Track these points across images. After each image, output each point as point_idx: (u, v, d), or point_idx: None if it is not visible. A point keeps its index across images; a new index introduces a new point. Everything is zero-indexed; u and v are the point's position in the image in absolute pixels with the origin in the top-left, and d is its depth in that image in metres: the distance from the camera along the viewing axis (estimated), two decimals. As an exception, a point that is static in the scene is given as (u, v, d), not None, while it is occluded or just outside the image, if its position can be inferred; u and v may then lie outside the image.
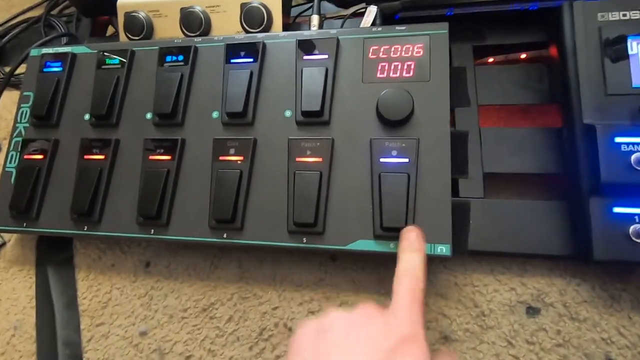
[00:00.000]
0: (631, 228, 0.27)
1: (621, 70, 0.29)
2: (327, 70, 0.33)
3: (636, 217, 0.27)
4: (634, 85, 0.29)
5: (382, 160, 0.31)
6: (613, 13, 0.30)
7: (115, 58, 0.38)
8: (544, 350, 0.28)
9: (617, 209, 0.27)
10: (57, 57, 0.40)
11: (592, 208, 0.28)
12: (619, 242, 0.27)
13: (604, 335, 0.28)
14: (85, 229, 0.35)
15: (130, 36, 0.41)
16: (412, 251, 0.25)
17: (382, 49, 0.33)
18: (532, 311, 0.30)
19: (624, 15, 0.30)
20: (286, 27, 0.39)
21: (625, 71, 0.29)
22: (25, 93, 0.40)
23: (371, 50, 0.34)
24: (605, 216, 0.27)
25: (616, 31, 0.29)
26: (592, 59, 0.30)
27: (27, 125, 0.39)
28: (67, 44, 0.47)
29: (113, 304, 0.36)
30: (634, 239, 0.27)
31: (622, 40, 0.29)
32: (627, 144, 0.27)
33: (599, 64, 0.29)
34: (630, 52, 0.29)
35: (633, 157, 0.27)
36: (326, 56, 0.34)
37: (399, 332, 0.20)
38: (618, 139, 0.27)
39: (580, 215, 0.29)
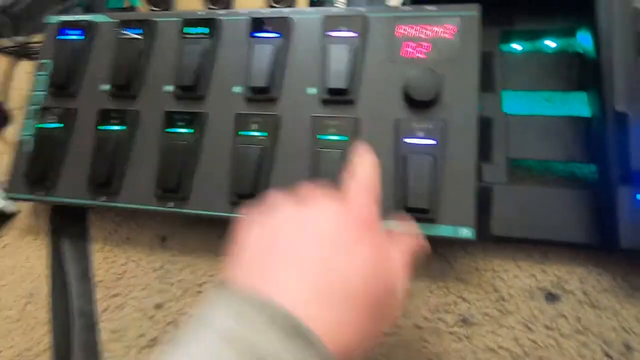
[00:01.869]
0: (659, 217, 0.27)
1: (657, 58, 0.28)
2: (353, 48, 0.33)
3: (665, 207, 0.27)
4: (669, 74, 0.28)
5: (407, 141, 0.30)
6: (651, -2, 0.29)
7: (137, 28, 0.37)
8: (563, 335, 0.28)
9: (645, 198, 0.27)
10: (77, 25, 0.39)
11: (620, 196, 0.27)
12: (646, 231, 0.27)
13: (624, 324, 0.28)
14: (103, 200, 0.35)
15: (151, 7, 0.40)
16: (365, 164, 0.23)
17: (411, 29, 0.33)
18: (551, 297, 0.30)
19: (662, 1, 0.29)
20: (312, 3, 0.38)
21: (661, 59, 0.28)
22: (43, 61, 0.39)
23: (400, 30, 0.33)
24: (634, 205, 0.27)
25: (654, 17, 0.29)
26: (627, 44, 0.29)
27: (44, 93, 0.39)
28: (85, 13, 0.46)
29: (129, 276, 0.36)
30: (661, 228, 0.26)
31: (659, 27, 0.28)
32: (660, 132, 0.27)
33: (634, 51, 0.29)
34: (667, 40, 0.28)
35: (665, 145, 0.26)
36: (353, 34, 0.33)
37: (351, 217, 0.19)
38: (651, 127, 0.27)
39: (608, 204, 0.28)
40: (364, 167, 0.23)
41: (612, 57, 0.29)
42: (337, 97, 0.32)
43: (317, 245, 0.18)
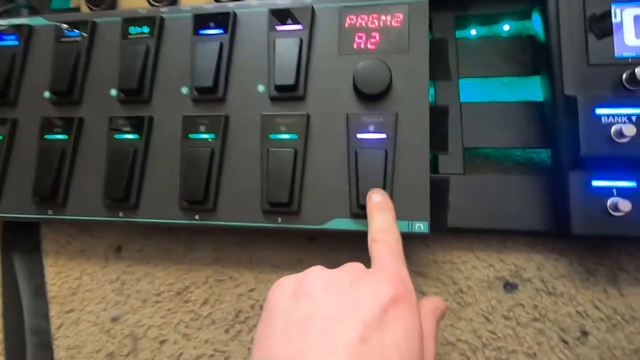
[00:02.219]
0: (609, 201, 0.26)
1: (604, 40, 0.28)
2: (301, 41, 0.31)
3: (614, 190, 0.27)
4: (616, 55, 0.28)
5: (359, 136, 0.30)
6: (597, -21, 0.29)
7: (75, 30, 0.35)
8: (520, 325, 0.28)
9: (596, 183, 0.27)
10: (12, 29, 0.37)
11: (571, 182, 0.27)
12: (597, 216, 0.27)
13: (580, 309, 0.28)
14: (49, 213, 0.33)
15: (91, 6, 0.38)
16: (381, 210, 0.24)
17: (359, 19, 0.32)
18: (509, 287, 0.29)
19: (609, -19, 0.29)
20: (258, -4, 0.36)
21: (609, 40, 0.28)
22: (-22, 69, 0.37)
23: (348, 20, 0.32)
24: (585, 190, 0.27)
25: (600, -1, 0.28)
26: (575, 27, 0.28)
27: (-18, 103, 0.37)
28: (24, 16, 0.44)
29: (83, 290, 0.35)
30: (611, 212, 0.26)
31: (606, 7, 0.28)
32: (608, 115, 0.26)
33: (582, 33, 0.28)
34: (613, 20, 0.28)
35: (613, 128, 0.26)
36: (300, 26, 0.32)
37: (388, 293, 0.19)
38: (599, 111, 0.27)
39: (560, 190, 0.28)
40: (384, 223, 0.23)
41: (560, 40, 0.29)
42: (286, 93, 0.31)
43: (355, 324, 0.17)
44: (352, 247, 0.32)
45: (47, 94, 0.35)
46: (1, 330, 0.35)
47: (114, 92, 0.34)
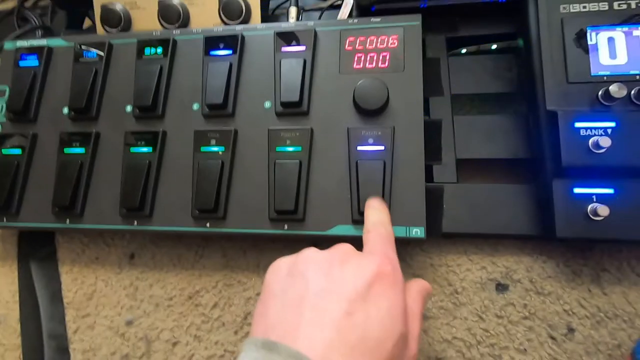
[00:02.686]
0: (589, 207, 0.29)
1: (581, 60, 0.31)
2: (305, 61, 0.34)
3: (594, 197, 0.29)
4: (592, 74, 0.30)
5: (359, 148, 0.32)
6: (574, 5, 0.32)
7: (93, 51, 0.38)
8: (511, 322, 0.30)
9: (577, 190, 0.29)
10: (33, 50, 0.39)
11: (555, 189, 0.30)
12: (579, 221, 0.29)
13: (566, 307, 0.30)
14: (67, 222, 0.35)
15: (107, 28, 0.40)
16: (375, 209, 0.27)
17: (358, 41, 0.34)
18: (501, 287, 0.32)
19: (584, 7, 0.31)
20: (265, 19, 0.39)
21: (585, 60, 0.31)
22: None
23: (348, 42, 0.35)
24: (567, 196, 0.29)
25: (577, 22, 0.31)
26: (555, 48, 0.31)
27: (2, 119, 0.39)
28: (42, 37, 0.46)
29: (98, 296, 0.36)
30: (591, 217, 0.29)
31: (582, 31, 0.31)
32: (586, 128, 0.29)
33: (561, 54, 0.31)
34: (589, 42, 0.31)
35: (591, 140, 0.29)
36: (304, 48, 0.35)
37: (372, 269, 0.21)
38: (578, 124, 0.29)
39: (545, 197, 0.30)
40: (377, 217, 0.26)
41: (542, 60, 0.31)
42: (291, 109, 0.34)
43: (343, 301, 0.20)
44: (354, 252, 0.34)
45: (65, 110, 0.38)
46: (19, 335, 0.36)
47: (129, 108, 0.37)
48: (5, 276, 0.39)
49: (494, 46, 0.39)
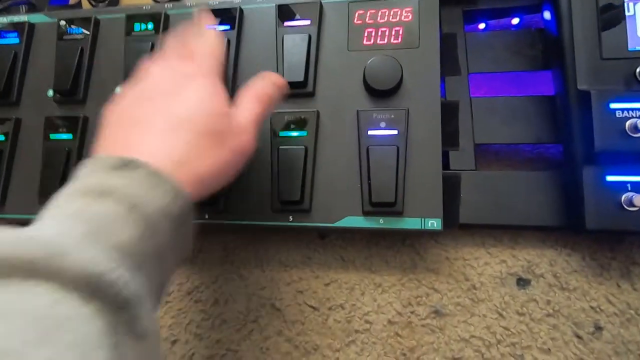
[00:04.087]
0: (623, 196, 0.26)
1: (617, 33, 0.28)
2: (310, 37, 0.31)
3: (628, 185, 0.27)
4: (630, 49, 0.27)
5: (370, 132, 0.29)
6: (610, -29, 0.28)
7: (78, 27, 0.35)
8: (534, 320, 0.28)
9: (610, 178, 0.27)
10: (13, 26, 0.36)
11: (585, 177, 0.27)
12: (611, 211, 0.26)
13: (593, 304, 0.28)
14: (55, 214, 0.33)
15: (93, 3, 0.37)
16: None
17: (368, 14, 0.31)
18: (522, 282, 0.29)
19: (622, -27, 0.28)
20: (265, -9, 0.36)
21: (622, 34, 0.28)
22: (-22, 68, 0.36)
23: (357, 15, 0.31)
24: (598, 185, 0.27)
25: (613, -9, 0.28)
26: (588, 20, 0.28)
27: (-16, 103, 0.36)
28: (25, 13, 0.43)
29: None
30: (625, 207, 0.26)
31: (619, 1, 0.28)
32: (622, 109, 0.26)
33: (595, 26, 0.28)
34: (627, 14, 0.28)
35: (627, 123, 0.26)
36: (308, 22, 0.31)
37: (183, 70, 0.23)
38: (613, 105, 0.26)
39: (573, 185, 0.28)
40: (208, 34, 0.26)
41: (573, 34, 0.28)
42: (296, 90, 0.31)
43: (159, 100, 0.22)
44: (364, 244, 0.32)
45: (50, 92, 0.35)
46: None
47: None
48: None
49: (515, 21, 0.35)
